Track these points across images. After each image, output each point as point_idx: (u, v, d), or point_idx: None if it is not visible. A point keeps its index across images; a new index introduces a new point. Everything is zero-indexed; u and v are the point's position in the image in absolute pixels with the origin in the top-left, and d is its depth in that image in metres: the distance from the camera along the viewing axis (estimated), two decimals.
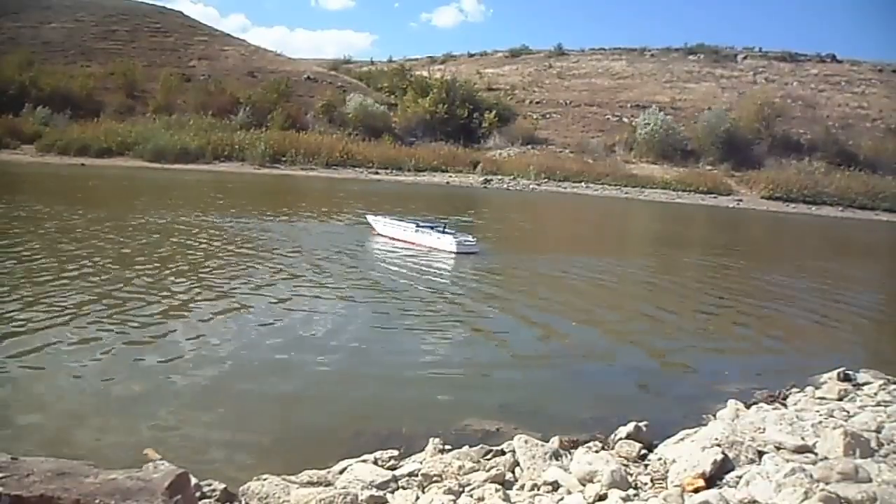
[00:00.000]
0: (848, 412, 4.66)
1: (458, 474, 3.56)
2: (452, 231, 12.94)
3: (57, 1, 47.15)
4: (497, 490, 3.33)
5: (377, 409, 5.01)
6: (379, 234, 13.73)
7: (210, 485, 3.33)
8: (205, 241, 11.67)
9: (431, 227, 12.93)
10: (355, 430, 4.56)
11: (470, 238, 12.57)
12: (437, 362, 6.21)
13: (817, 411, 4.75)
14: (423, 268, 10.89)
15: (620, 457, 3.88)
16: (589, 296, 9.88)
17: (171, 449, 4.00)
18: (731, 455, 3.42)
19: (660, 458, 3.81)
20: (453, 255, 11.88)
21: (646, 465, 3.77)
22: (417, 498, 3.33)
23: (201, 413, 4.73)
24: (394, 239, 13.22)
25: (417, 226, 13.06)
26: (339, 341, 6.62)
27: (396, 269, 10.77)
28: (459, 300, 8.78)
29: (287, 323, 7.08)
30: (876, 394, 5.35)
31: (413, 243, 12.72)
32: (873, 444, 3.56)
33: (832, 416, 4.53)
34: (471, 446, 4.14)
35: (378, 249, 12.49)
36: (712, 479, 3.22)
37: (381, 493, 3.32)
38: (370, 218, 14.38)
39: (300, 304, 7.90)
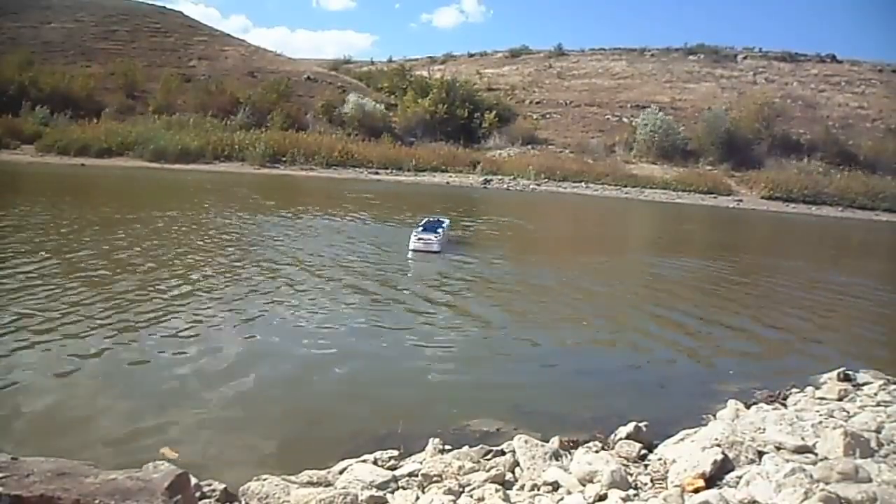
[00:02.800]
0: (848, 412, 4.66)
1: (458, 474, 3.56)
2: (437, 231, 12.73)
3: (57, 1, 47.09)
4: (497, 490, 3.32)
5: (377, 410, 5.00)
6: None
7: (210, 485, 3.33)
8: (209, 240, 11.70)
9: (423, 227, 12.87)
10: (355, 431, 4.56)
11: (431, 236, 12.12)
12: (436, 363, 6.20)
13: (817, 411, 4.75)
14: (420, 268, 10.89)
15: (620, 457, 3.88)
16: (589, 296, 9.87)
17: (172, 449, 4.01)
18: (731, 455, 3.42)
19: (660, 458, 3.81)
20: (429, 254, 11.69)
21: (646, 465, 3.77)
22: (417, 498, 3.33)
23: (201, 413, 4.73)
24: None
25: (419, 225, 13.10)
26: (338, 342, 6.61)
27: (395, 269, 10.78)
28: (458, 301, 8.78)
29: (286, 324, 7.08)
30: (876, 394, 5.36)
31: None
32: (873, 444, 3.56)
33: (832, 417, 4.53)
34: (471, 446, 4.14)
35: (383, 251, 12.48)
36: (712, 479, 3.22)
37: (381, 493, 3.32)
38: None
39: (301, 305, 7.90)
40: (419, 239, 11.98)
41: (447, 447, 4.15)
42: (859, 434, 3.56)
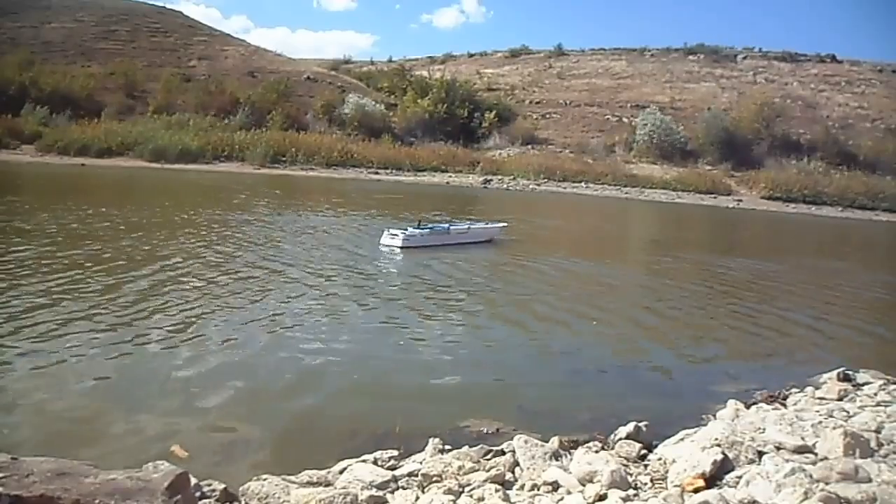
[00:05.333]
0: (848, 412, 4.65)
1: (458, 474, 3.56)
2: (422, 230, 12.90)
3: (57, 1, 47.10)
4: (497, 490, 3.32)
5: (377, 410, 5.00)
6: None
7: (210, 485, 3.33)
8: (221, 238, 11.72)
9: (416, 227, 13.08)
10: (355, 431, 4.55)
11: (398, 233, 12.26)
12: (436, 363, 6.20)
13: (817, 411, 4.75)
14: (437, 268, 10.90)
15: (620, 457, 3.88)
16: (589, 297, 9.88)
17: (168, 449, 4.01)
18: (730, 455, 3.42)
19: (660, 458, 3.80)
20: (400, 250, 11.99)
21: (646, 466, 3.77)
22: (417, 498, 3.33)
23: (201, 413, 4.73)
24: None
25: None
26: (338, 342, 6.61)
27: (394, 268, 10.78)
28: (458, 299, 8.78)
29: (287, 324, 7.07)
30: (876, 394, 5.35)
31: None
32: (873, 444, 3.56)
33: (832, 417, 4.52)
34: (471, 446, 4.14)
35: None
36: (712, 479, 3.22)
37: (381, 493, 3.32)
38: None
39: (301, 305, 7.90)
40: (389, 235, 12.35)
41: (447, 447, 4.14)
42: (859, 434, 3.55)
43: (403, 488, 3.46)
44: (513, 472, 3.70)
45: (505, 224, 15.30)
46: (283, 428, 4.63)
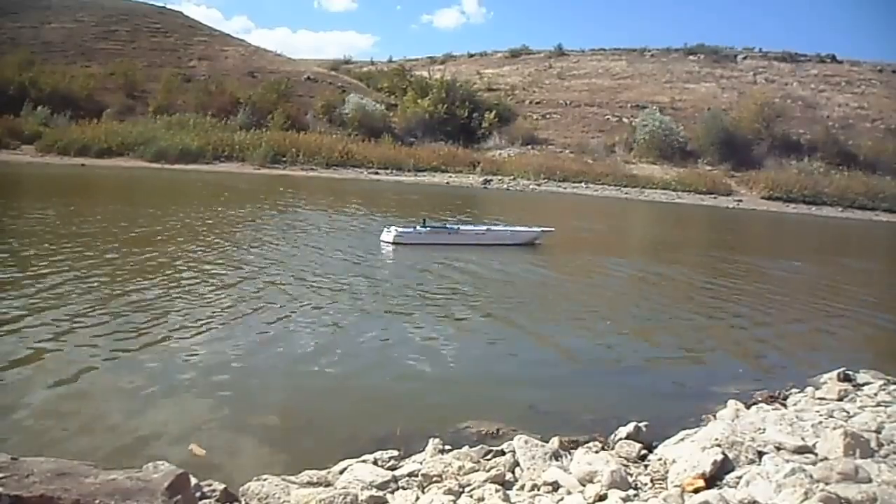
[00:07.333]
0: (848, 412, 4.65)
1: (458, 474, 3.56)
2: (423, 228, 13.08)
3: (57, 1, 47.13)
4: (497, 490, 3.32)
5: (377, 410, 5.00)
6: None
7: (210, 485, 3.33)
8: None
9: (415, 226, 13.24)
10: (355, 431, 4.55)
11: (393, 229, 12.59)
12: (436, 363, 6.20)
13: (817, 412, 4.74)
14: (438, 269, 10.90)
15: (620, 457, 3.88)
16: (589, 297, 9.87)
17: (171, 449, 4.01)
18: (731, 455, 3.42)
19: (660, 459, 3.80)
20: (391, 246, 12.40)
21: (646, 466, 3.76)
22: (417, 498, 3.33)
23: (201, 413, 4.73)
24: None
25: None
26: (339, 342, 6.61)
27: (395, 269, 10.77)
28: (459, 299, 8.78)
29: (289, 324, 7.07)
30: (876, 394, 5.35)
31: None
32: (873, 444, 3.56)
33: (832, 417, 4.52)
34: (471, 446, 4.14)
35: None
36: (712, 479, 3.21)
37: (381, 493, 3.32)
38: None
39: (303, 304, 7.89)
40: (385, 231, 12.76)
41: (447, 447, 4.14)
42: (859, 434, 3.55)
43: (403, 488, 3.46)
44: (513, 473, 3.70)
45: (552, 229, 14.41)
46: (283, 428, 4.63)
